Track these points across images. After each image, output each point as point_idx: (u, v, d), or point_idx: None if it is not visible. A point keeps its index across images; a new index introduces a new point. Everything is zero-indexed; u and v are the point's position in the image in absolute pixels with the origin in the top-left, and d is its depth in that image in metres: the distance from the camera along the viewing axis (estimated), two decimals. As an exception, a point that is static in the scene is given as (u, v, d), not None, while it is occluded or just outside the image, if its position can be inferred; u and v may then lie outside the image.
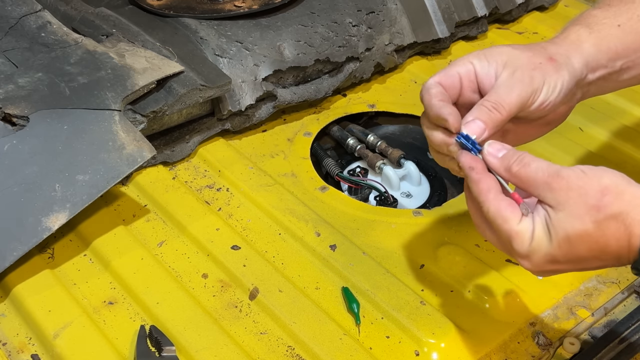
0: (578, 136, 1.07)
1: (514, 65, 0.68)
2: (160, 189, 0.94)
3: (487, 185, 0.62)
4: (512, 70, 0.68)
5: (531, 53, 0.69)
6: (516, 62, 0.68)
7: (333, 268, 0.84)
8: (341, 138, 1.09)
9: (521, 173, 0.62)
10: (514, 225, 0.61)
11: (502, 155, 0.63)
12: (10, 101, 0.86)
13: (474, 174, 0.63)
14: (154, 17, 1.09)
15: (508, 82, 0.67)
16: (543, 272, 0.63)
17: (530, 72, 0.68)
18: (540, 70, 0.68)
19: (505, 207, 0.61)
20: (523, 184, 0.62)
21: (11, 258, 0.79)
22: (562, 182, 0.60)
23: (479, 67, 0.69)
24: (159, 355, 0.73)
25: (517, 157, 0.62)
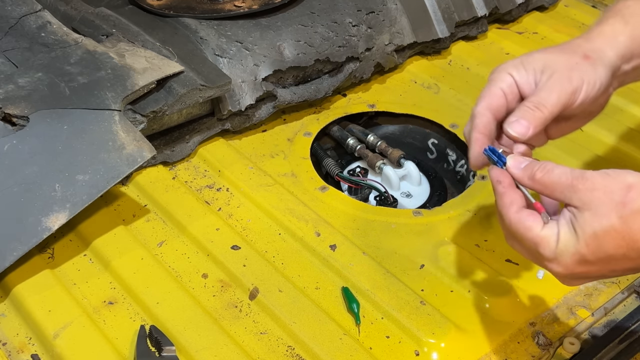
0: (578, 136, 1.07)
1: (551, 69, 0.70)
2: (160, 189, 0.94)
3: (510, 198, 0.64)
4: (551, 73, 0.70)
5: (567, 55, 0.71)
6: (554, 66, 0.70)
7: (333, 268, 0.84)
8: (341, 138, 1.09)
9: (545, 179, 0.63)
10: (538, 231, 0.62)
11: (524, 166, 0.65)
12: (10, 101, 0.86)
13: (499, 188, 0.65)
14: (154, 17, 1.09)
15: (548, 85, 0.69)
16: (574, 275, 0.63)
17: (568, 73, 0.69)
18: (578, 69, 0.70)
19: (527, 216, 0.63)
20: (548, 190, 0.63)
21: (11, 258, 0.79)
22: (587, 183, 0.61)
23: (518, 77, 0.71)
24: (159, 355, 0.73)
25: (539, 165, 0.64)
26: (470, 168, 0.78)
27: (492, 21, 1.33)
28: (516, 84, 0.71)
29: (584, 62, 0.70)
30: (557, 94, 0.69)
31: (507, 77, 0.71)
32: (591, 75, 0.70)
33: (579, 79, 0.70)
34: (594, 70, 0.70)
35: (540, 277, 0.84)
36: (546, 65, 0.71)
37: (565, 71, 0.70)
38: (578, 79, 0.70)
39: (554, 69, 0.70)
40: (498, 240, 0.89)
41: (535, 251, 0.63)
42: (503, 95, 0.71)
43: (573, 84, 0.69)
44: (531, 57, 0.72)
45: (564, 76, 0.69)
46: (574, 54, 0.71)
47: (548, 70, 0.70)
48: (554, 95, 0.69)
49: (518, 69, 0.71)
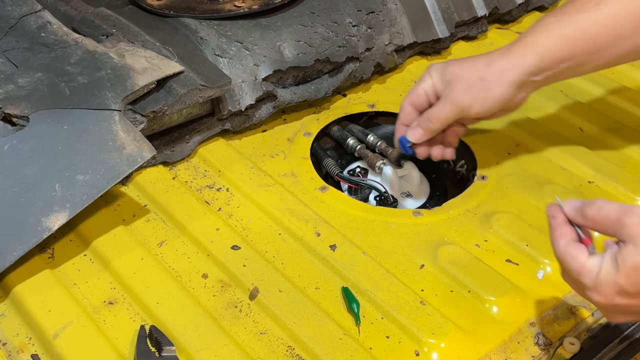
0: (578, 136, 1.07)
1: (452, 85, 0.87)
2: (160, 189, 0.94)
3: (561, 232, 0.68)
4: (451, 89, 0.87)
5: (468, 73, 0.86)
6: (455, 83, 0.87)
7: (333, 268, 0.84)
8: (341, 138, 1.09)
9: (596, 216, 0.67)
10: (582, 261, 0.66)
11: (578, 207, 0.69)
12: (10, 101, 0.86)
13: (553, 222, 0.69)
14: (154, 17, 1.09)
15: (445, 99, 0.88)
16: (615, 307, 0.65)
17: (463, 93, 0.86)
18: (472, 90, 0.86)
19: (574, 248, 0.67)
20: (598, 226, 0.67)
21: (11, 258, 0.79)
22: (634, 218, 0.64)
23: (435, 81, 0.89)
24: (159, 355, 0.73)
25: (591, 204, 0.67)
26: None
27: (492, 21, 1.33)
28: (434, 86, 0.89)
29: (480, 84, 0.86)
30: (447, 111, 0.87)
31: (429, 79, 0.89)
32: (482, 96, 0.86)
33: (470, 99, 0.86)
34: (488, 91, 0.86)
35: (540, 277, 0.85)
36: (451, 80, 0.87)
37: (461, 90, 0.86)
38: (470, 98, 0.86)
39: (454, 85, 0.87)
40: (498, 240, 0.89)
41: (578, 280, 0.66)
42: (424, 94, 0.90)
43: (464, 102, 0.86)
44: (448, 68, 0.88)
45: (458, 94, 0.86)
46: (475, 72, 0.86)
47: (450, 85, 0.87)
48: (445, 111, 0.88)
49: (437, 74, 0.89)
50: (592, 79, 1.18)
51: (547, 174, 1.00)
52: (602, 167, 1.00)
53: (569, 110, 1.13)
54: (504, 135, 1.07)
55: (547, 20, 0.86)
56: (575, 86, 1.17)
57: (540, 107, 1.13)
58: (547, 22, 0.86)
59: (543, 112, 1.12)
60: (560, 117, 1.11)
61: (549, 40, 0.85)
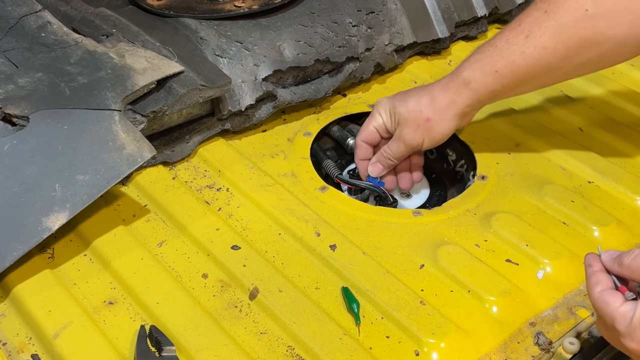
0: (578, 136, 1.07)
1: (403, 125, 0.95)
2: (160, 189, 0.94)
3: (597, 279, 0.69)
4: (402, 129, 0.95)
5: (415, 114, 0.93)
6: (405, 123, 0.94)
7: (333, 268, 0.84)
8: (341, 138, 1.09)
9: (632, 264, 0.68)
10: (616, 307, 0.66)
11: (615, 255, 0.70)
12: (10, 101, 0.86)
13: (589, 270, 0.71)
14: (154, 17, 1.09)
15: (397, 141, 0.96)
16: None
17: (414, 133, 0.94)
18: (421, 129, 0.94)
19: (609, 294, 0.67)
20: (635, 274, 0.68)
21: (11, 258, 0.79)
22: None
23: (385, 119, 0.97)
24: (159, 355, 0.73)
25: (628, 253, 0.68)
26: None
27: (492, 21, 1.33)
28: (384, 124, 0.97)
29: (425, 124, 0.93)
30: (402, 150, 0.96)
31: (378, 117, 0.97)
32: (431, 133, 0.94)
33: (419, 138, 0.94)
34: (434, 130, 0.94)
35: (540, 277, 0.85)
36: (399, 121, 0.95)
37: (410, 132, 0.94)
38: (419, 138, 0.94)
39: (403, 127, 0.95)
40: (498, 240, 0.89)
41: (612, 327, 0.66)
42: (376, 132, 0.98)
43: (416, 140, 0.95)
44: (395, 109, 0.95)
45: (409, 136, 0.94)
46: (419, 114, 0.93)
47: (400, 126, 0.95)
48: (400, 150, 0.96)
49: (386, 115, 0.96)
50: (592, 79, 1.18)
51: (547, 174, 1.00)
52: (602, 167, 1.00)
53: (569, 110, 1.13)
54: (504, 135, 1.07)
55: (480, 55, 0.91)
56: (575, 86, 1.17)
57: (541, 107, 1.13)
58: (481, 57, 0.90)
59: (543, 112, 1.12)
60: (560, 117, 1.11)
61: (483, 76, 0.90)
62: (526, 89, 0.94)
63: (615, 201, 0.96)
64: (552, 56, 0.86)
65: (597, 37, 0.83)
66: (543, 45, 0.85)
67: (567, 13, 0.84)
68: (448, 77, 0.94)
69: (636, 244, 0.90)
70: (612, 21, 0.82)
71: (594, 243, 0.89)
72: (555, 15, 0.84)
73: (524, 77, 0.89)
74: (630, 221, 0.93)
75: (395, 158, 0.97)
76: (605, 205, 0.95)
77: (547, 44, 0.85)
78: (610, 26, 0.83)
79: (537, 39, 0.86)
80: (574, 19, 0.83)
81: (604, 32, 0.83)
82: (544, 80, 0.91)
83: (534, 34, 0.86)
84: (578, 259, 0.86)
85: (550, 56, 0.86)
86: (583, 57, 0.86)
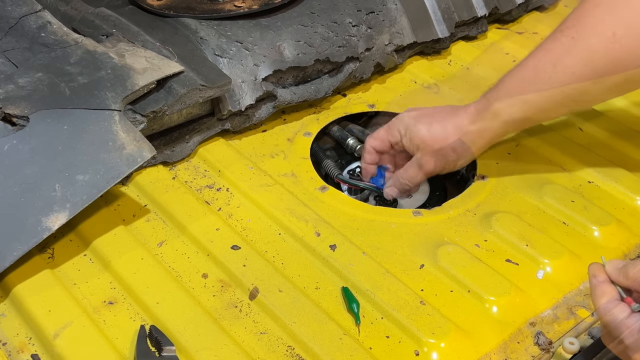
0: (578, 136, 1.07)
1: (422, 152, 0.94)
2: (160, 189, 0.94)
3: (602, 290, 0.69)
4: (421, 157, 0.94)
5: (438, 146, 0.92)
6: (425, 150, 0.93)
7: (333, 268, 0.84)
8: (341, 138, 1.09)
9: (638, 275, 0.68)
10: (622, 318, 0.66)
11: (620, 266, 0.70)
12: (10, 101, 0.86)
13: (594, 281, 0.71)
14: (154, 17, 1.09)
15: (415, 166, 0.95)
16: None
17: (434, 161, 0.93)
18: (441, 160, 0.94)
19: (615, 306, 0.67)
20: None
21: (11, 258, 0.79)
22: None
23: (405, 139, 0.95)
24: (159, 355, 0.73)
25: (633, 264, 0.69)
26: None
27: (492, 21, 1.33)
28: (401, 141, 0.96)
29: (451, 154, 0.93)
30: (420, 177, 0.95)
31: (397, 135, 0.96)
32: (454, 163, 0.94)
33: (441, 167, 0.94)
34: (457, 161, 0.94)
35: (540, 277, 0.85)
36: (422, 146, 0.93)
37: (432, 160, 0.93)
38: (440, 166, 0.94)
39: (426, 151, 0.93)
40: (498, 240, 0.89)
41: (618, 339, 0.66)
42: (389, 144, 0.97)
43: (435, 170, 0.94)
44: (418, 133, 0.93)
45: (430, 164, 0.93)
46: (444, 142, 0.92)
47: (422, 151, 0.94)
48: (418, 177, 0.95)
49: (407, 133, 0.94)
50: (592, 79, 1.18)
51: (547, 174, 1.00)
52: (602, 167, 1.00)
53: (569, 110, 1.13)
54: (504, 135, 1.07)
55: (509, 84, 0.90)
56: (575, 86, 1.17)
57: (540, 107, 1.13)
58: (509, 87, 0.90)
59: (543, 112, 1.12)
60: (560, 117, 1.11)
61: (512, 107, 0.89)
62: (557, 115, 0.95)
63: (615, 201, 0.96)
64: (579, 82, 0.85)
65: (626, 56, 0.83)
66: (571, 71, 0.85)
67: (594, 38, 0.83)
68: (476, 106, 0.92)
69: (636, 244, 0.90)
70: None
71: (594, 243, 0.89)
72: (583, 39, 0.83)
73: (554, 105, 0.89)
74: (630, 221, 0.93)
75: (412, 184, 0.97)
76: (605, 205, 0.95)
77: (575, 69, 0.84)
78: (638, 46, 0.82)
79: (564, 65, 0.85)
80: (603, 42, 0.83)
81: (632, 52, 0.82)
82: (574, 106, 0.92)
83: (562, 62, 0.85)
84: (578, 259, 0.87)
85: (579, 82, 0.85)
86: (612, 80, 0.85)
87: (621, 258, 0.88)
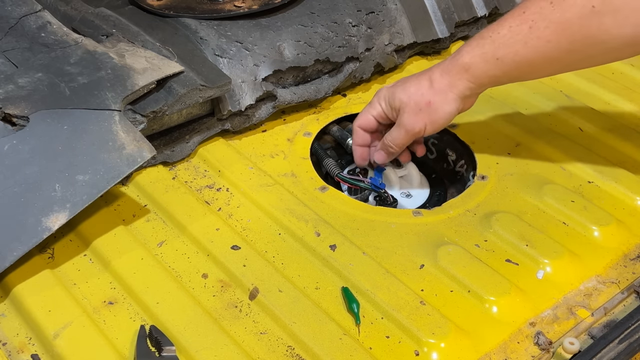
0: (578, 136, 1.07)
1: (404, 110, 0.94)
2: (160, 189, 0.94)
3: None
4: (402, 114, 0.94)
5: (416, 98, 0.93)
6: (405, 108, 0.94)
7: (333, 268, 0.84)
8: (341, 138, 1.09)
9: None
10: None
11: None
12: (10, 101, 0.86)
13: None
14: (154, 17, 1.09)
15: (398, 128, 0.95)
16: None
17: (414, 118, 0.93)
18: (422, 114, 0.93)
19: None
20: None
21: (11, 258, 0.79)
22: None
23: (384, 107, 0.97)
24: (159, 355, 0.73)
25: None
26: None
27: (492, 21, 1.32)
28: (383, 112, 0.97)
29: (427, 108, 0.92)
30: (403, 137, 0.95)
31: (377, 106, 0.97)
32: (433, 116, 0.92)
33: (422, 124, 0.93)
34: (436, 113, 0.92)
35: (540, 277, 0.85)
36: (400, 107, 0.94)
37: (412, 117, 0.93)
38: (421, 123, 0.93)
39: (403, 112, 0.94)
40: (498, 240, 0.89)
41: None
42: (373, 119, 0.98)
43: (418, 125, 0.93)
44: (395, 95, 0.94)
45: (410, 122, 0.93)
46: (420, 97, 0.92)
47: (400, 112, 0.94)
48: (401, 137, 0.95)
49: (385, 101, 0.96)
50: (592, 78, 1.18)
51: (547, 174, 1.00)
52: (602, 167, 1.00)
53: (569, 110, 1.13)
54: (504, 135, 1.07)
55: (482, 41, 0.89)
56: (575, 86, 1.17)
57: (540, 107, 1.13)
58: (482, 44, 0.89)
59: (543, 112, 1.12)
60: (560, 117, 1.11)
61: (483, 62, 0.88)
62: (528, 78, 0.93)
63: (615, 201, 0.96)
64: (555, 50, 0.85)
65: (602, 35, 0.82)
66: (546, 38, 0.84)
67: (573, 8, 0.82)
68: (447, 61, 0.92)
69: (636, 244, 0.90)
70: (618, 20, 0.81)
71: (594, 243, 0.89)
72: (561, 8, 0.82)
73: (526, 66, 0.88)
74: (630, 221, 0.93)
75: (397, 145, 0.97)
76: (605, 205, 0.95)
77: (550, 37, 0.84)
78: (617, 25, 0.81)
79: (541, 31, 0.84)
80: (579, 14, 0.82)
81: (610, 30, 0.81)
82: (546, 71, 0.91)
83: (538, 26, 0.84)
84: (578, 259, 0.87)
85: (554, 50, 0.85)
86: (587, 52, 0.85)
87: (621, 258, 0.88)
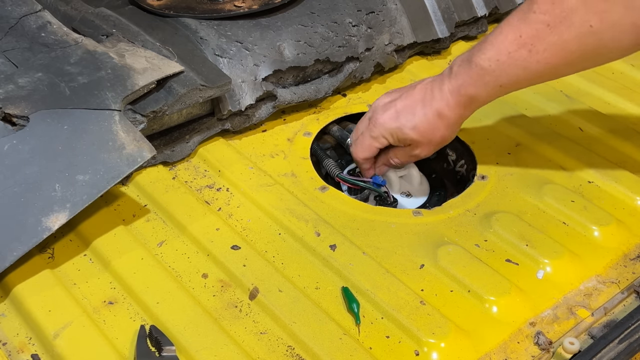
0: (578, 136, 1.07)
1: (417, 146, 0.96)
2: (160, 189, 0.94)
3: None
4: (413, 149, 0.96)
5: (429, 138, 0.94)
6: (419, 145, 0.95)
7: (333, 268, 0.84)
8: (341, 138, 1.09)
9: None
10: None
11: None
12: (10, 101, 0.86)
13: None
14: (154, 17, 1.09)
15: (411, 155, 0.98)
16: None
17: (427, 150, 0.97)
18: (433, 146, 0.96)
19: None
20: None
21: (11, 258, 0.79)
22: None
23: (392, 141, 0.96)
24: (159, 355, 0.73)
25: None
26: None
27: (492, 21, 1.33)
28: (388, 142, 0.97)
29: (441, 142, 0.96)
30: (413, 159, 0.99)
31: (383, 140, 0.97)
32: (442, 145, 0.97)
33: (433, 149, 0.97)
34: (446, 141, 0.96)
35: (540, 277, 0.85)
36: (413, 143, 0.95)
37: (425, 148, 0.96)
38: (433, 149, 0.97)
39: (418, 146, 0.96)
40: (498, 240, 0.89)
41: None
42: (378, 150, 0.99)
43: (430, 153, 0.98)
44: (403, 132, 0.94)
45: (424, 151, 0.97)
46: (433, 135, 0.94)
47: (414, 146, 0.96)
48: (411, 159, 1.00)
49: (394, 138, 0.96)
50: (592, 79, 1.18)
51: (547, 174, 1.00)
52: (602, 167, 1.00)
53: (569, 110, 1.13)
54: (504, 135, 1.07)
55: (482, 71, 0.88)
56: (575, 86, 1.17)
57: (540, 107, 1.13)
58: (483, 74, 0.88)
59: (543, 112, 1.12)
60: (560, 117, 1.11)
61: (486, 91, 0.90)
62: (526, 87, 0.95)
63: (615, 201, 0.96)
64: (553, 69, 0.86)
65: (601, 49, 0.83)
66: (545, 61, 0.85)
67: (571, 30, 0.82)
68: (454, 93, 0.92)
69: (636, 244, 0.90)
70: (616, 34, 0.81)
71: (594, 243, 0.89)
72: (559, 31, 0.82)
73: (526, 84, 0.90)
74: (630, 221, 0.93)
75: (403, 164, 1.01)
76: (605, 205, 0.95)
77: (549, 59, 0.84)
78: (614, 39, 0.82)
79: (540, 55, 0.84)
80: (577, 35, 0.82)
81: (608, 45, 0.82)
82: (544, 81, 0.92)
83: (537, 49, 0.84)
84: (578, 259, 0.87)
85: (552, 69, 0.86)
86: (584, 65, 0.87)
87: (621, 258, 0.88)
